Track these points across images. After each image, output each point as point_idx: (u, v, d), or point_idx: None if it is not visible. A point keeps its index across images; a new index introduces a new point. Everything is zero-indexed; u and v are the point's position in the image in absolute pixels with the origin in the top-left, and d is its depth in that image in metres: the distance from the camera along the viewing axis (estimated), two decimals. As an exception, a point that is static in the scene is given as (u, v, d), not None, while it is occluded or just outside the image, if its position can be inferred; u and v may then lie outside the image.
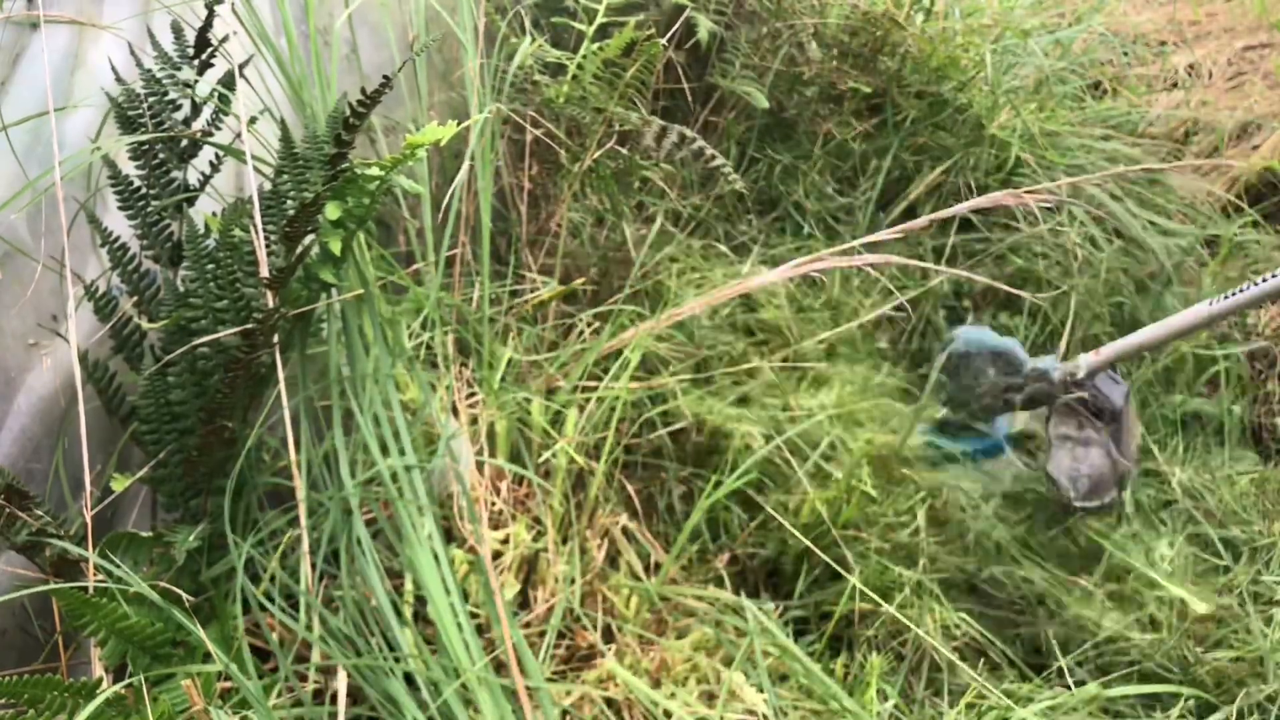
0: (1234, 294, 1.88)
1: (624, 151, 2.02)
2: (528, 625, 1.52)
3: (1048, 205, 2.31)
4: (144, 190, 1.43)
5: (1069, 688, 1.63)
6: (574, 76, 1.99)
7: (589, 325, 1.90)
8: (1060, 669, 1.66)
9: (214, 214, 1.49)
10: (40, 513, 1.18)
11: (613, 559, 1.66)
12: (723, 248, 2.15)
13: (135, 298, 1.41)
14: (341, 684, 1.28)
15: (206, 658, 1.21)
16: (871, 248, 1.86)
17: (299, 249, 1.31)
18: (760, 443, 1.78)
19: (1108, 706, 1.54)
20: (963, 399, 2.06)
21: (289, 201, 1.41)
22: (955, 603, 1.72)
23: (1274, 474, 1.96)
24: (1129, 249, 2.36)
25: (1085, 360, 2.04)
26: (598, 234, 2.13)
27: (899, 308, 2.15)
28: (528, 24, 2.13)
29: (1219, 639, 1.66)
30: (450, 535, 1.57)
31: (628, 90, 1.95)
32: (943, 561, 1.77)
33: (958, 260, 2.38)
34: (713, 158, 2.04)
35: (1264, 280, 1.85)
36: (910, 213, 2.37)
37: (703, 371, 1.95)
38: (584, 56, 1.95)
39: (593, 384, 1.76)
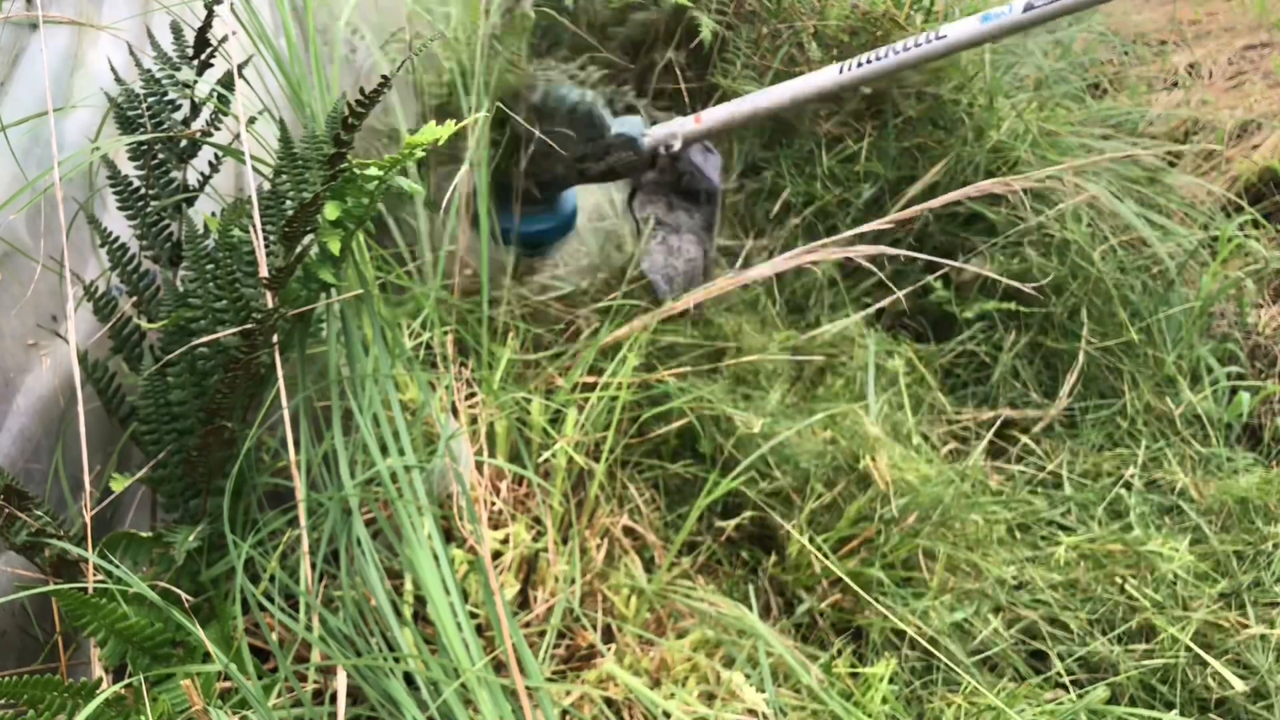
0: (867, 61, 1.68)
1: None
2: (528, 625, 1.52)
3: (1035, 209, 2.29)
4: (143, 190, 1.43)
5: (1067, 688, 1.63)
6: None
7: (588, 323, 1.90)
8: (1059, 671, 1.66)
9: (213, 214, 1.49)
10: (40, 513, 1.18)
11: (612, 558, 1.66)
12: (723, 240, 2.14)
13: (135, 298, 1.41)
14: (341, 684, 1.28)
15: (206, 658, 1.21)
16: (867, 242, 1.85)
17: (298, 249, 1.31)
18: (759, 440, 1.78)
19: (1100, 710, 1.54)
20: (528, 167, 1.65)
21: (288, 201, 1.41)
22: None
23: (1274, 474, 1.96)
24: (1134, 246, 2.35)
25: (682, 126, 1.70)
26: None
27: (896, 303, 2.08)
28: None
29: (1222, 648, 1.66)
30: (450, 535, 1.57)
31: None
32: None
33: (958, 258, 2.37)
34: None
35: (909, 46, 1.66)
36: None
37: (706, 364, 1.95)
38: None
39: (593, 379, 1.76)
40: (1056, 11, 1.60)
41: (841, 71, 1.64)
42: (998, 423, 2.16)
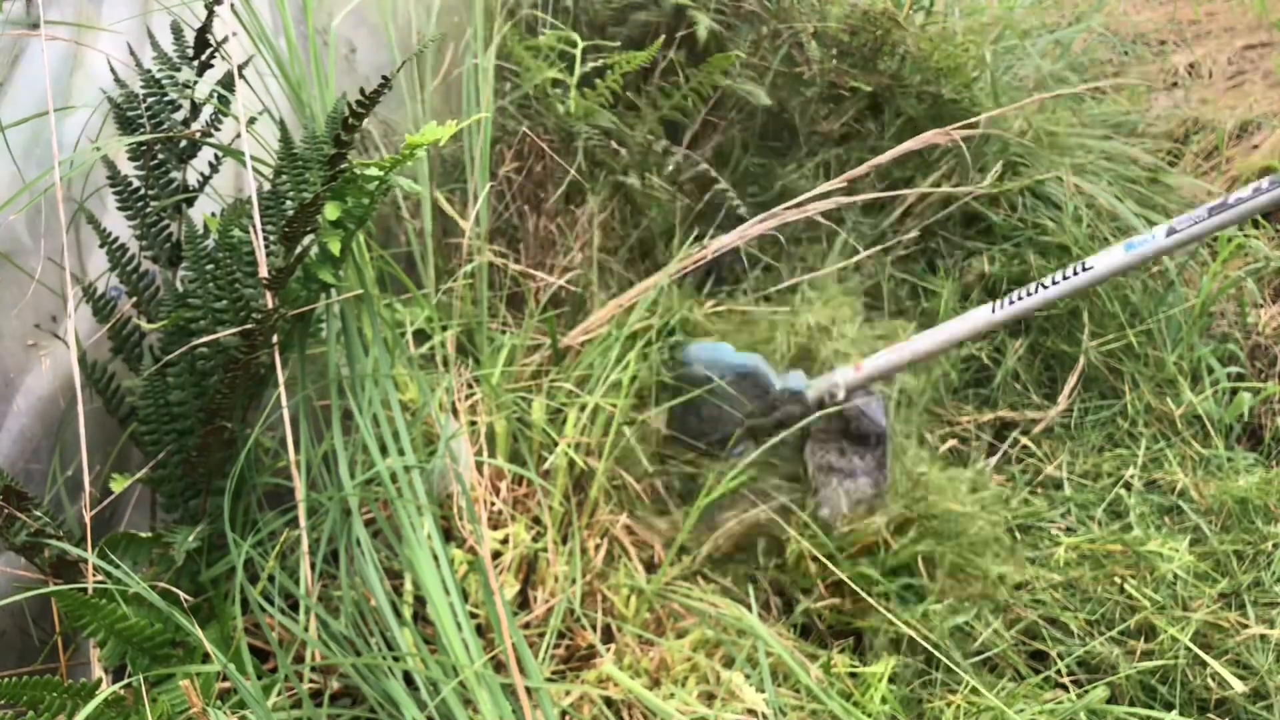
0: (1021, 296, 1.72)
1: (632, 182, 2.04)
2: (527, 625, 1.52)
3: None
4: (143, 191, 1.43)
5: (1067, 688, 1.63)
6: (586, 87, 2.00)
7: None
8: (1059, 670, 1.66)
9: (213, 214, 1.49)
10: (39, 513, 1.18)
11: (612, 558, 1.66)
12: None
13: (134, 298, 1.41)
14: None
15: (206, 658, 1.21)
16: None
17: (298, 249, 1.31)
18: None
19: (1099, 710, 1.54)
20: (698, 429, 1.76)
21: (288, 202, 1.41)
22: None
23: (1275, 474, 1.96)
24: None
25: (843, 376, 1.77)
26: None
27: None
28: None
29: (1222, 648, 1.66)
30: (450, 535, 1.57)
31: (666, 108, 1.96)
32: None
33: (959, 257, 2.38)
34: (716, 179, 2.04)
35: (1058, 280, 1.71)
36: (908, 213, 2.37)
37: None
38: (611, 66, 1.96)
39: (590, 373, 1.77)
40: (1199, 235, 1.67)
41: (994, 311, 1.73)
42: (998, 424, 2.16)
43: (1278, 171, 1.74)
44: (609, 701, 1.44)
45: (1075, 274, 1.71)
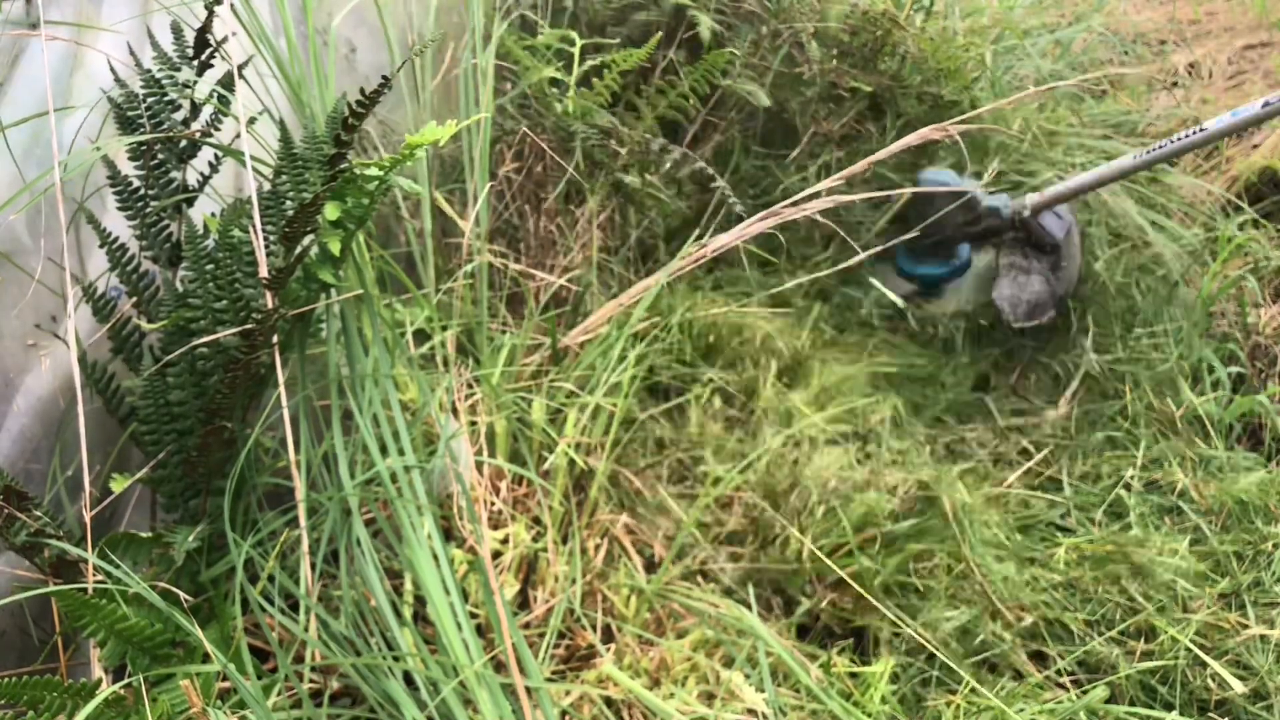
0: (1161, 146, 2.12)
1: (631, 180, 2.04)
2: (527, 625, 1.52)
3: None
4: (143, 191, 1.43)
5: (1067, 688, 1.63)
6: (584, 87, 2.00)
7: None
8: (1058, 670, 1.66)
9: (213, 214, 1.49)
10: (39, 513, 1.18)
11: (612, 558, 1.66)
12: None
13: (134, 298, 1.41)
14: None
15: (206, 658, 1.21)
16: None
17: (298, 249, 1.31)
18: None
19: (1098, 710, 1.54)
20: (928, 231, 2.23)
21: (288, 202, 1.41)
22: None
23: (1275, 475, 1.96)
24: (1135, 247, 2.35)
25: (1031, 198, 2.27)
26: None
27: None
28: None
29: (1222, 649, 1.66)
30: (450, 535, 1.57)
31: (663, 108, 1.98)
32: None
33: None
34: (713, 178, 2.04)
35: (1191, 133, 2.08)
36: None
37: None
38: (607, 65, 1.96)
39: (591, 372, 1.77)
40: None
41: (1135, 158, 2.17)
42: (1000, 427, 2.16)
43: None
44: (609, 701, 1.44)
45: (1195, 133, 2.09)
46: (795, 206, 1.84)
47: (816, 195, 1.84)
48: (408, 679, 1.30)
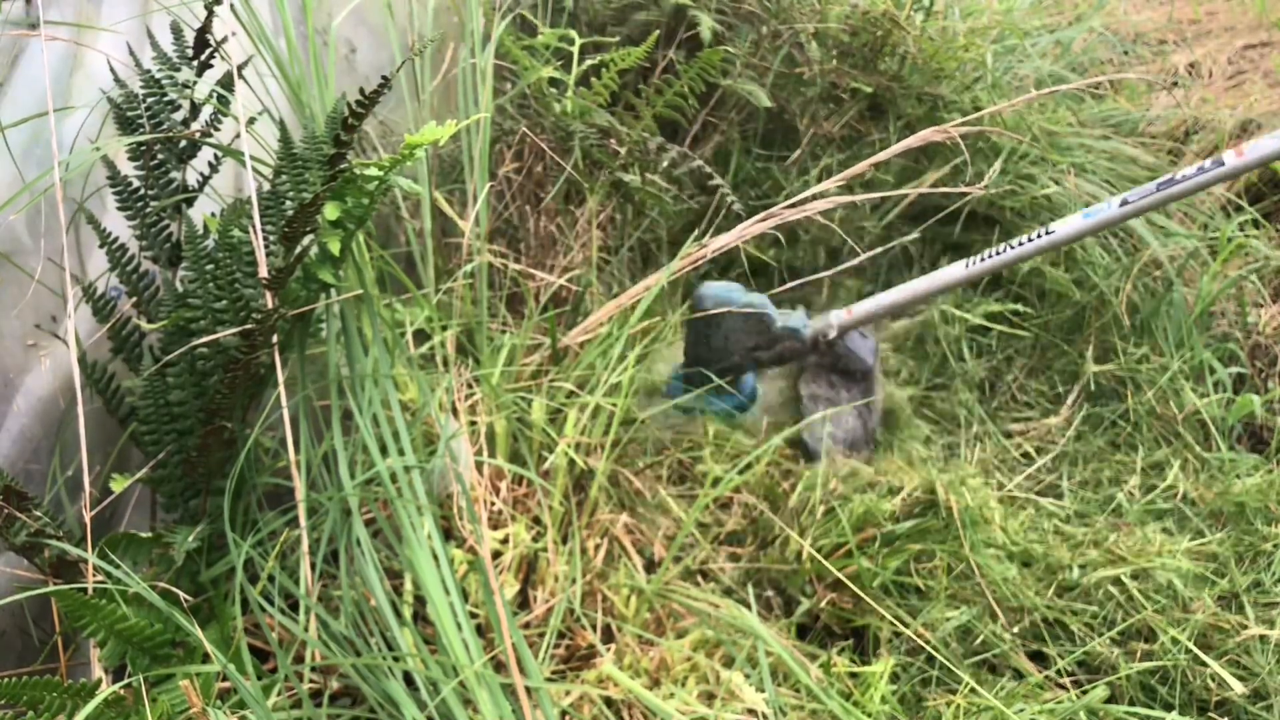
0: (991, 255, 1.91)
1: (630, 179, 2.04)
2: (527, 625, 1.52)
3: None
4: (143, 191, 1.43)
5: (1067, 689, 1.63)
6: (583, 86, 2.00)
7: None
8: (1058, 670, 1.66)
9: (213, 214, 1.49)
10: (39, 514, 1.18)
11: (612, 558, 1.66)
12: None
13: (134, 298, 1.41)
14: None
15: (206, 658, 1.21)
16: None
17: (298, 249, 1.31)
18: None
19: (1098, 710, 1.54)
20: (709, 357, 1.98)
21: (288, 202, 1.41)
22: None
23: (1275, 476, 1.95)
24: (1136, 247, 2.35)
25: (836, 317, 2.00)
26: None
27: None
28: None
29: (1222, 649, 1.66)
30: (450, 535, 1.57)
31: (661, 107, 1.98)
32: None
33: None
34: (710, 175, 2.04)
35: (1024, 241, 1.89)
36: (916, 218, 2.37)
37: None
38: (604, 63, 1.96)
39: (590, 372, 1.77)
40: (1147, 207, 1.85)
41: (967, 266, 1.93)
42: (1001, 430, 2.16)
43: (1219, 154, 1.86)
44: (609, 701, 1.44)
45: (1039, 236, 1.89)
46: (795, 208, 1.84)
47: (816, 197, 1.84)
48: (408, 679, 1.30)
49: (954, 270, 1.94)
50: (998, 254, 1.91)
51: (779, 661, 1.52)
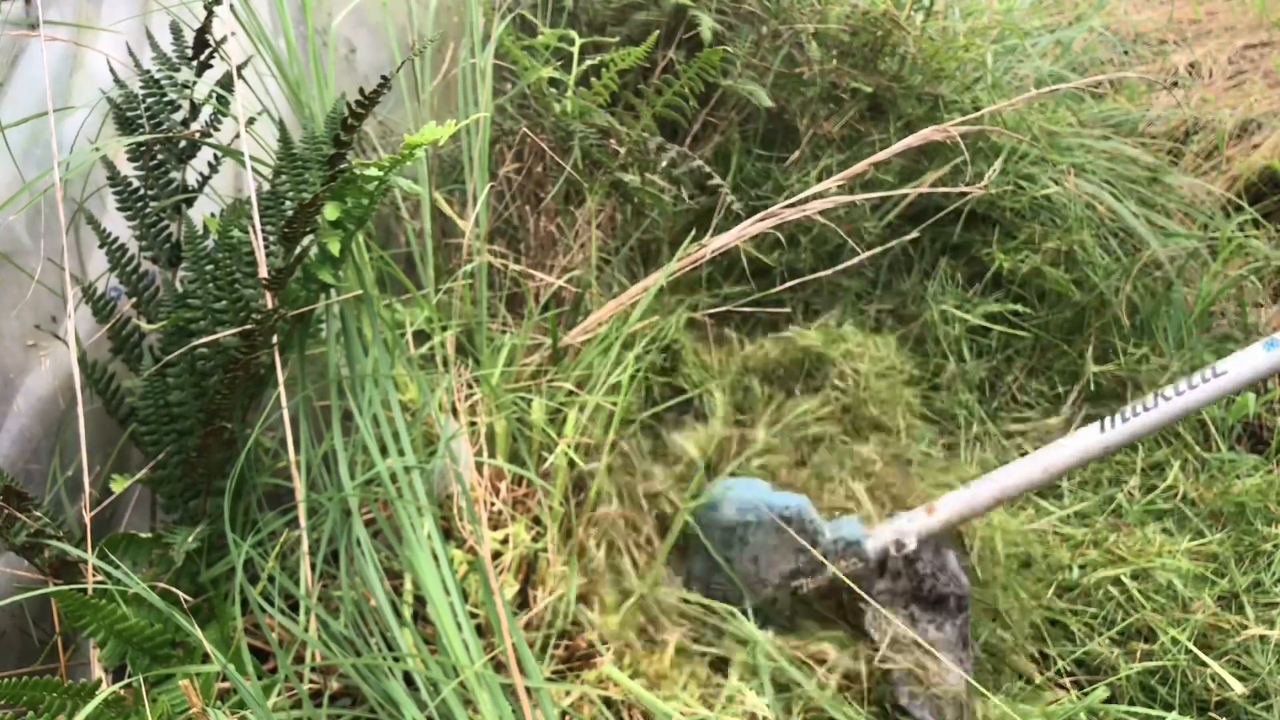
0: (1134, 413, 1.43)
1: (630, 179, 2.04)
2: (527, 625, 1.52)
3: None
4: (142, 191, 1.43)
5: (1067, 689, 1.63)
6: (583, 86, 2.00)
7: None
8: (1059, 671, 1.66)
9: (213, 215, 1.49)
10: (39, 514, 1.18)
11: (612, 558, 1.66)
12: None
13: (134, 298, 1.41)
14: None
15: (206, 658, 1.21)
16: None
17: (298, 249, 1.31)
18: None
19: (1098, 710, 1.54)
20: (726, 590, 1.43)
21: (287, 202, 1.41)
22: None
23: (1275, 477, 1.96)
24: (1136, 248, 2.35)
25: (913, 522, 1.44)
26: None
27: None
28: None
29: (1222, 649, 1.66)
30: (450, 535, 1.57)
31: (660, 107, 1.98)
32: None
33: (960, 260, 2.37)
34: (710, 175, 2.04)
35: (1176, 392, 1.42)
36: (915, 218, 2.37)
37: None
38: (604, 64, 1.96)
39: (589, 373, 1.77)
40: None
41: (1103, 430, 1.38)
42: (1002, 431, 2.16)
43: None
44: (608, 702, 1.44)
45: (1205, 380, 1.40)
46: (794, 208, 1.84)
47: (816, 196, 1.83)
48: (408, 679, 1.30)
49: (1087, 437, 1.40)
50: (1146, 408, 1.39)
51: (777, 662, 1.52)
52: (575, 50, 2.05)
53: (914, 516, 1.46)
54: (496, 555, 1.56)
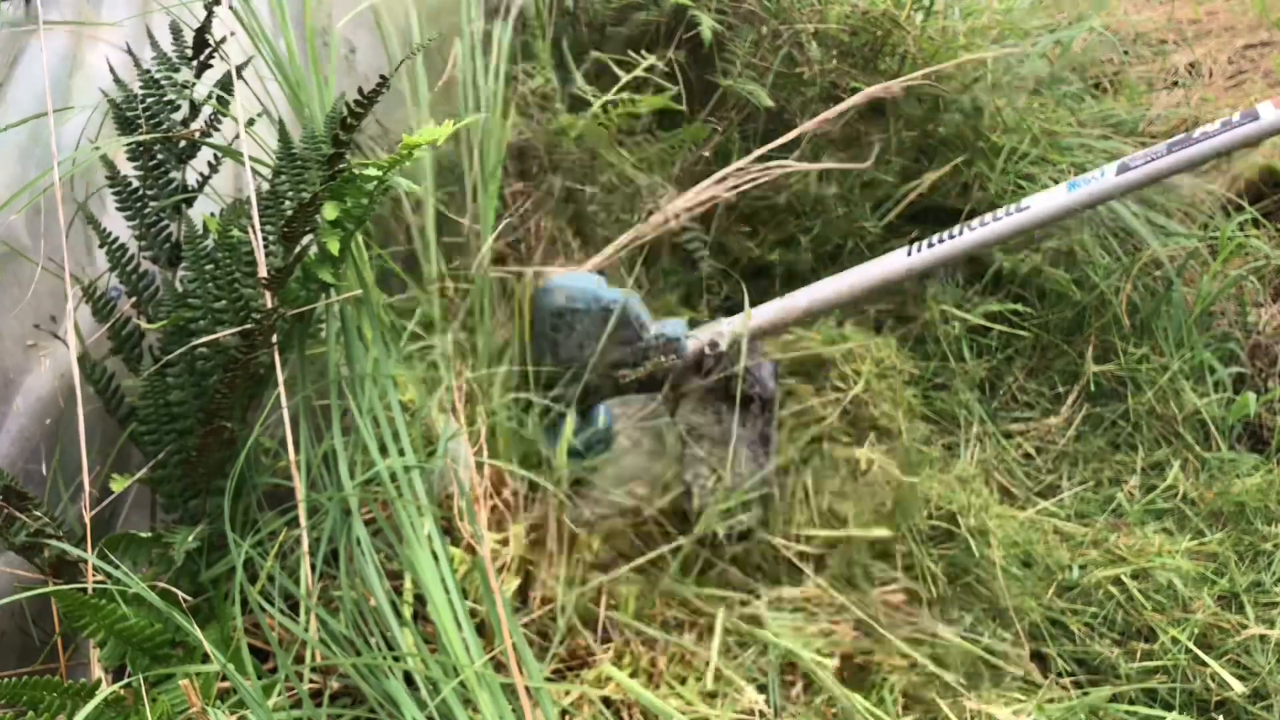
0: (943, 239, 1.52)
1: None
2: (527, 625, 1.52)
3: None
4: (142, 191, 1.43)
5: (1067, 689, 1.63)
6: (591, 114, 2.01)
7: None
8: (1058, 672, 1.66)
9: (212, 214, 1.49)
10: (39, 514, 1.18)
11: (612, 558, 1.66)
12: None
13: (134, 298, 1.41)
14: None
15: (206, 658, 1.21)
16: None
17: (297, 249, 1.31)
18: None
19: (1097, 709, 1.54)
20: (553, 370, 1.52)
21: (287, 202, 1.41)
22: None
23: (1276, 476, 1.95)
24: (1136, 248, 2.35)
25: (729, 325, 1.51)
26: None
27: None
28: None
29: (1222, 649, 1.66)
30: (450, 535, 1.57)
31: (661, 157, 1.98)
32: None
33: (961, 263, 2.37)
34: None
35: (985, 221, 1.51)
36: (916, 217, 2.37)
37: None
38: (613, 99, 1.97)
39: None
40: (1153, 174, 1.46)
41: (910, 254, 1.47)
42: (1001, 431, 2.16)
43: (1252, 105, 1.50)
44: (608, 701, 1.44)
45: (1009, 214, 1.49)
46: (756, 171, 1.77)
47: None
48: (408, 679, 1.30)
49: (893, 261, 1.50)
50: (950, 238, 1.50)
51: (784, 655, 1.52)
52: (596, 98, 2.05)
53: (732, 321, 1.55)
54: (496, 555, 1.57)
